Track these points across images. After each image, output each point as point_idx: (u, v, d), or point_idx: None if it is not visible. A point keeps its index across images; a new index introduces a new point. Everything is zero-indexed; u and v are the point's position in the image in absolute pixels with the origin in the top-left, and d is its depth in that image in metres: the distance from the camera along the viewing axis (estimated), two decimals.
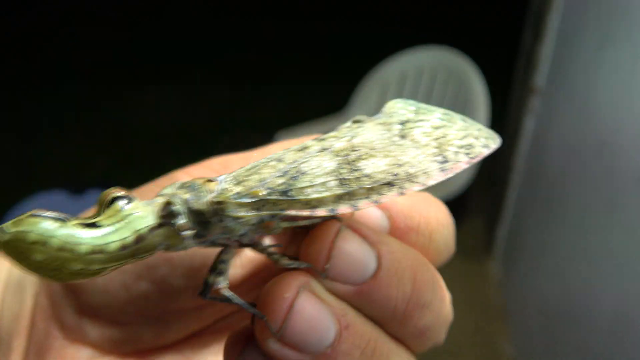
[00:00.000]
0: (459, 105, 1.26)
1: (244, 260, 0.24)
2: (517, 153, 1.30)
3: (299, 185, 0.20)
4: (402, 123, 0.23)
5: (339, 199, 0.20)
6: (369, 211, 0.22)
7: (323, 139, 0.22)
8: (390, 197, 0.20)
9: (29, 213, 0.17)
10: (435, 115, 0.24)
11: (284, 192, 0.20)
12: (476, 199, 1.77)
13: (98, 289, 0.22)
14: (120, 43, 2.73)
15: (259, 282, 0.24)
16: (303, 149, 0.21)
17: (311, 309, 0.18)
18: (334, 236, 0.19)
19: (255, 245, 0.21)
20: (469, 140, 0.23)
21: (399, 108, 0.24)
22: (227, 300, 0.20)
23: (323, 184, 0.20)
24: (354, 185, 0.20)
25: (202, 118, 2.16)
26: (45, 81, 2.44)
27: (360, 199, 0.20)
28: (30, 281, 0.24)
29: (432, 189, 0.21)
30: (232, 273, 0.23)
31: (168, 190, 0.20)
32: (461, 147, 0.23)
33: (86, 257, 0.17)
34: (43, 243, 0.16)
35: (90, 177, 1.85)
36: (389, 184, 0.20)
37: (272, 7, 3.04)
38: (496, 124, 1.32)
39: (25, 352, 0.23)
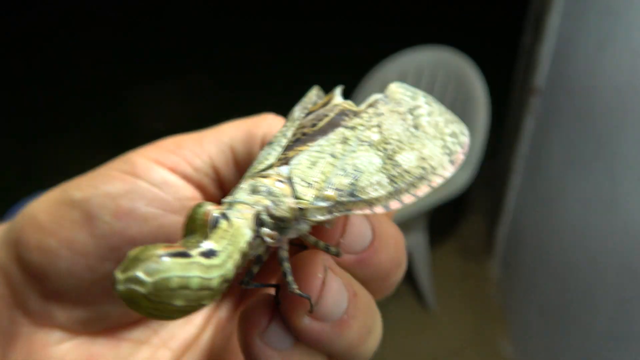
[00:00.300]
0: (459, 105, 1.26)
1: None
2: (517, 153, 1.30)
3: (361, 184, 0.21)
4: (411, 112, 0.24)
5: (390, 195, 0.21)
6: None
7: (354, 128, 0.23)
8: (424, 191, 0.22)
9: (143, 252, 0.15)
10: (421, 99, 0.25)
11: (351, 194, 0.21)
12: (476, 199, 1.77)
13: (62, 273, 0.22)
14: (120, 43, 2.73)
15: None
16: (344, 140, 0.22)
17: (335, 284, 0.20)
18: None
19: (305, 238, 0.21)
20: (451, 127, 0.24)
21: (401, 94, 0.25)
22: (262, 285, 0.22)
23: (379, 182, 0.21)
24: (400, 182, 0.21)
25: (202, 118, 2.16)
26: (45, 81, 2.44)
27: (404, 194, 0.21)
28: None
29: (433, 189, 0.22)
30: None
31: (244, 196, 0.19)
32: (451, 135, 0.24)
33: (218, 288, 0.16)
34: (185, 286, 0.15)
35: None
36: (422, 178, 0.22)
37: (272, 7, 3.04)
38: (496, 124, 1.32)
39: None
